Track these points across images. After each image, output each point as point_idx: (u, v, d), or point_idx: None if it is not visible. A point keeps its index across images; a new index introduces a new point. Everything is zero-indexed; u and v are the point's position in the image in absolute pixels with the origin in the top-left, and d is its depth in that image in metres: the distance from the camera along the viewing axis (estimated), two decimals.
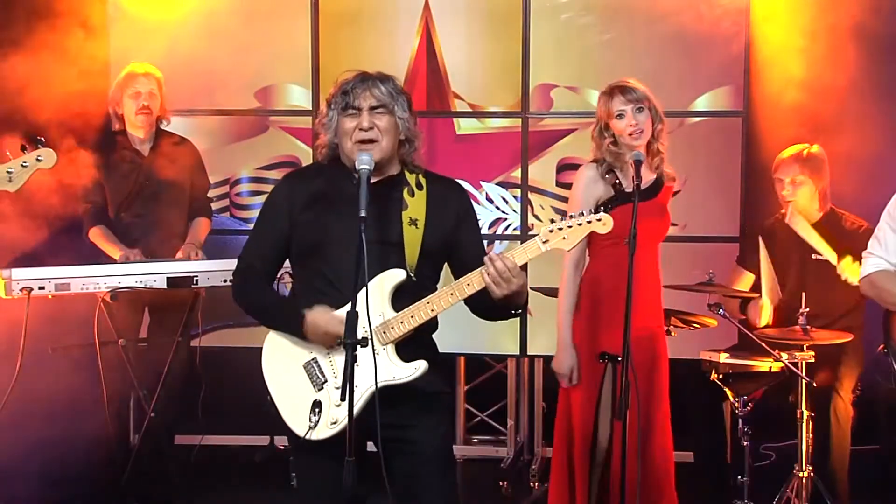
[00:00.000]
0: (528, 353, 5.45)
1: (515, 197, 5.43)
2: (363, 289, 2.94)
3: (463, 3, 5.45)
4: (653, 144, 3.95)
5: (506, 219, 5.45)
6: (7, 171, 3.14)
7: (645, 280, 3.87)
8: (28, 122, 4.81)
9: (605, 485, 3.93)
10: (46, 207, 4.27)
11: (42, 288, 4.33)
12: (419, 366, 3.01)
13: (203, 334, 4.99)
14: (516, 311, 3.09)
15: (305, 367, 3.08)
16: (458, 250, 3.16)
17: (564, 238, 2.99)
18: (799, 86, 5.09)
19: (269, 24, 5.50)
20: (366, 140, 3.08)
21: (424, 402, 3.09)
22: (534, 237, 3.01)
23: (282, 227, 3.16)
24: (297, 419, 3.05)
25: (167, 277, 4.60)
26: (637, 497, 3.62)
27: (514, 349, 5.45)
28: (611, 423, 3.87)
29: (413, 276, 3.06)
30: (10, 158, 3.15)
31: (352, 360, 2.80)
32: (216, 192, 5.50)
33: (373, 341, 2.86)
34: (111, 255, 4.79)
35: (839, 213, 4.68)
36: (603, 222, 3.01)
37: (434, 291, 3.06)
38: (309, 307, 3.05)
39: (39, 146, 3.16)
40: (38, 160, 3.16)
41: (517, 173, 5.42)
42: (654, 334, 3.96)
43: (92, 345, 4.47)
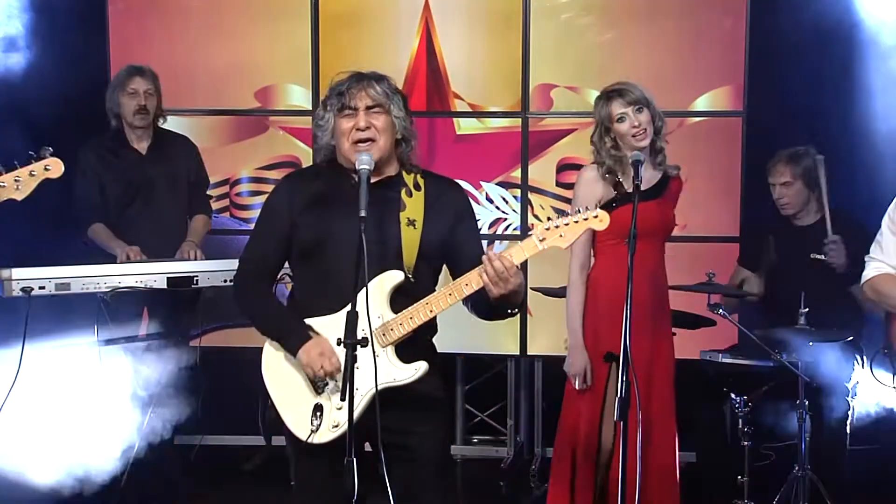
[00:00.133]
0: (528, 353, 5.45)
1: (515, 197, 5.43)
2: (363, 290, 2.93)
3: (463, 3, 5.44)
4: (656, 142, 3.95)
5: (506, 219, 5.45)
6: (15, 180, 3.17)
7: (651, 278, 3.86)
8: (28, 121, 4.82)
9: (606, 486, 3.93)
10: (46, 206, 4.26)
11: (42, 288, 4.33)
12: (420, 367, 3.01)
13: (203, 334, 5.00)
14: (513, 310, 3.08)
15: (306, 371, 3.07)
16: (457, 250, 3.15)
17: (561, 236, 2.98)
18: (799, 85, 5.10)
19: (269, 24, 5.50)
20: (363, 140, 3.08)
21: (423, 406, 3.09)
22: (531, 235, 3.00)
23: (282, 228, 3.15)
24: (298, 423, 3.04)
25: (167, 277, 4.60)
26: (637, 497, 3.62)
27: (514, 349, 5.45)
28: (614, 425, 3.87)
29: (411, 277, 3.06)
30: (18, 167, 3.18)
31: (352, 360, 2.80)
32: (216, 192, 5.50)
33: (373, 343, 2.86)
34: (111, 252, 4.79)
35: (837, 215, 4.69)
36: (599, 219, 3.00)
37: (433, 293, 3.05)
38: (310, 308, 3.06)
39: (47, 155, 3.19)
40: (46, 169, 3.21)
41: (517, 173, 5.42)
42: (659, 333, 3.95)
43: (92, 344, 4.47)
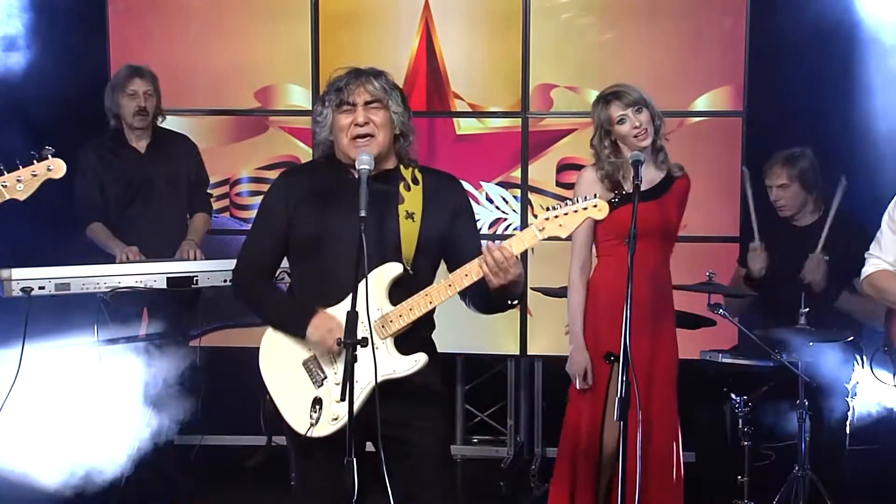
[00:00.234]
0: (528, 353, 5.45)
1: (515, 197, 5.43)
2: (360, 287, 2.92)
3: (463, 3, 5.44)
4: (657, 142, 3.95)
5: (506, 219, 5.45)
6: (17, 180, 3.19)
7: (651, 278, 3.86)
8: (28, 120, 4.82)
9: (609, 486, 3.93)
10: (46, 206, 4.26)
11: (42, 288, 4.32)
12: (419, 358, 3.01)
13: (203, 334, 5.00)
14: (513, 301, 3.08)
15: (305, 365, 3.07)
16: (455, 244, 3.15)
17: (561, 225, 2.98)
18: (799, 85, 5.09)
19: (269, 24, 5.50)
20: (362, 135, 3.08)
21: (422, 400, 3.09)
22: (530, 225, 3.00)
23: (280, 224, 3.15)
24: (297, 417, 3.04)
25: (167, 277, 4.60)
26: (637, 498, 3.62)
27: (514, 349, 5.44)
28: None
29: (410, 269, 3.06)
30: (20, 167, 3.19)
31: (352, 361, 2.80)
32: (216, 192, 5.50)
33: (372, 338, 2.85)
34: (110, 252, 4.79)
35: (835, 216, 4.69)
36: (598, 208, 3.00)
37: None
38: (310, 304, 3.05)
39: (49, 156, 3.21)
40: (48, 170, 3.22)
41: (517, 173, 5.42)
42: (660, 333, 3.94)
43: (92, 344, 4.47)
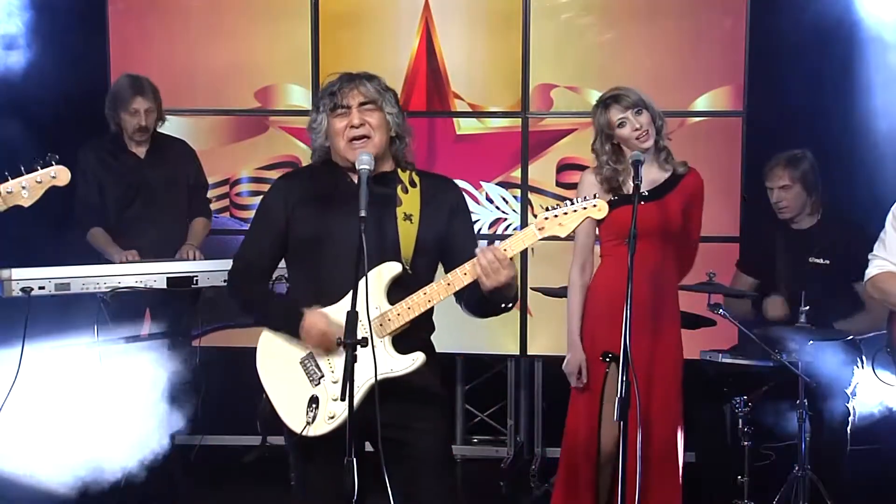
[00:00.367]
0: (528, 353, 5.45)
1: (515, 197, 5.43)
2: (359, 288, 2.92)
3: (463, 3, 5.44)
4: (659, 142, 3.95)
5: (506, 219, 5.44)
6: (22, 186, 3.20)
7: (652, 279, 3.86)
8: (28, 119, 4.82)
9: (609, 486, 3.93)
10: (46, 206, 4.27)
11: (42, 288, 4.33)
12: (417, 357, 3.01)
13: (203, 334, 5.00)
14: (507, 304, 3.08)
15: (302, 363, 3.07)
16: (451, 242, 3.16)
17: (560, 225, 2.99)
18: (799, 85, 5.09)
19: (269, 24, 5.50)
20: (358, 137, 3.08)
21: (422, 402, 3.09)
22: (530, 225, 3.01)
23: (277, 227, 3.15)
24: (293, 416, 3.03)
25: (167, 277, 4.60)
26: (637, 498, 3.62)
27: (514, 349, 5.44)
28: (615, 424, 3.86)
29: (408, 269, 3.06)
30: (24, 173, 3.20)
31: (352, 361, 2.79)
32: (216, 192, 5.50)
33: (372, 338, 2.85)
34: (108, 258, 4.79)
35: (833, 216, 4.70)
36: (598, 208, 3.01)
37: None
38: (306, 306, 3.05)
39: (53, 163, 3.23)
40: (52, 177, 3.24)
41: (517, 173, 5.42)
42: (661, 334, 3.93)
43: (92, 344, 4.47)
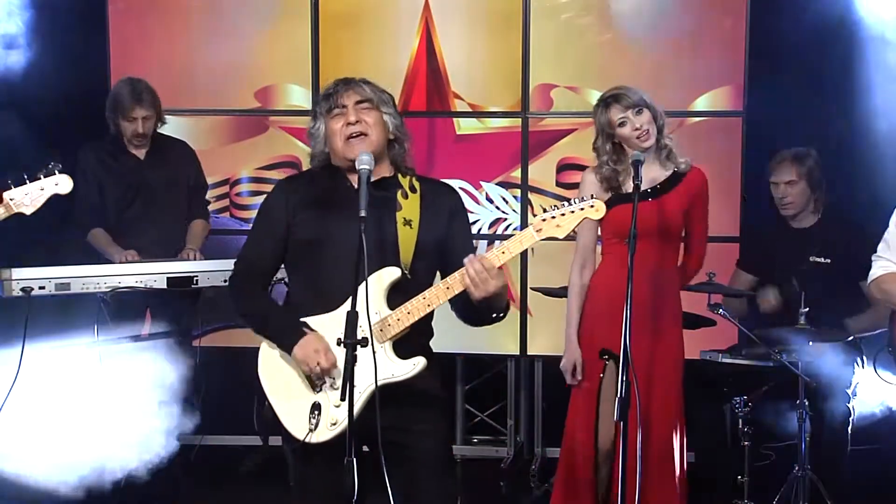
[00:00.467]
0: (528, 353, 5.45)
1: (515, 197, 5.43)
2: (360, 289, 2.92)
3: (463, 3, 5.44)
4: (660, 140, 3.95)
5: (506, 219, 5.44)
6: (24, 194, 3.21)
7: (651, 278, 3.85)
8: (28, 119, 4.82)
9: (608, 486, 3.92)
10: (47, 206, 4.27)
11: (42, 288, 4.33)
12: (418, 362, 3.01)
13: (203, 334, 5.00)
14: (497, 314, 3.09)
15: (304, 370, 3.06)
16: (449, 248, 3.16)
17: (558, 226, 2.99)
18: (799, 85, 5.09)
19: (269, 24, 5.50)
20: (355, 133, 3.09)
21: (422, 405, 3.09)
22: (528, 226, 3.02)
23: (278, 230, 3.16)
24: (296, 423, 3.03)
25: (167, 277, 4.60)
26: (637, 498, 3.62)
27: (514, 349, 5.44)
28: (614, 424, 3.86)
29: (407, 274, 3.06)
30: (27, 181, 3.21)
31: (352, 361, 2.80)
32: (216, 192, 5.50)
33: (372, 342, 2.85)
34: (109, 258, 4.79)
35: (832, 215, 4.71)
36: (596, 208, 3.02)
37: None
38: (305, 309, 3.06)
39: (56, 171, 3.24)
40: (55, 185, 3.26)
41: (517, 173, 5.41)
42: (661, 333, 3.92)
43: (92, 344, 4.47)
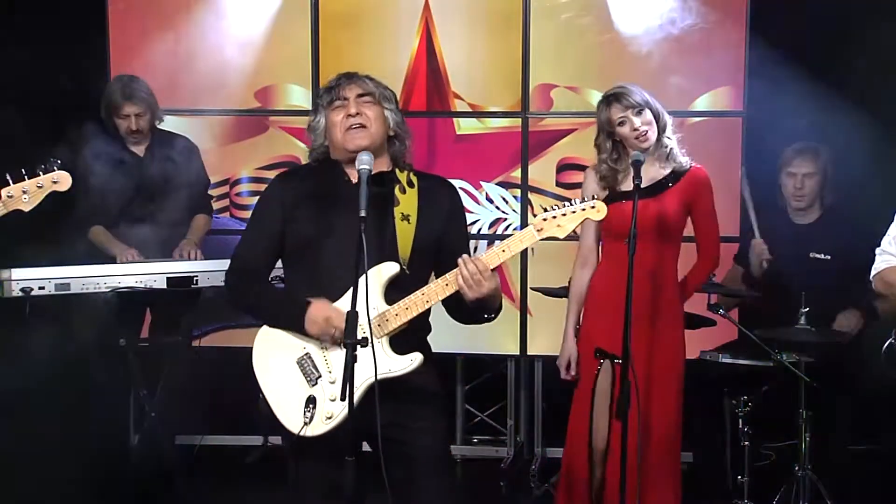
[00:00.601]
0: (528, 353, 5.45)
1: (515, 197, 5.43)
2: (359, 287, 2.91)
3: (463, 3, 5.44)
4: (660, 140, 3.95)
5: (506, 219, 5.44)
6: (23, 191, 3.21)
7: (649, 278, 3.85)
8: (28, 119, 4.82)
9: (603, 484, 3.92)
10: (47, 205, 4.28)
11: (42, 288, 4.33)
12: (415, 358, 3.01)
13: (204, 334, 5.00)
14: (489, 315, 3.09)
15: (299, 363, 3.06)
16: (446, 246, 3.16)
17: (559, 226, 3.00)
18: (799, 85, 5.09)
19: (269, 24, 5.50)
20: (355, 126, 3.09)
21: (420, 402, 3.09)
22: (529, 226, 3.02)
23: (275, 226, 3.16)
24: (290, 416, 3.03)
25: (167, 277, 4.60)
26: (637, 498, 3.62)
27: (514, 349, 5.44)
28: (609, 424, 3.86)
29: (406, 269, 3.06)
30: (26, 177, 3.21)
31: (352, 361, 2.79)
32: (216, 193, 5.50)
33: (372, 337, 2.85)
34: (110, 254, 4.78)
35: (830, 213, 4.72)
36: (597, 209, 3.03)
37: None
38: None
39: (55, 168, 3.23)
40: (53, 182, 3.25)
41: (517, 173, 5.41)
42: (660, 333, 3.92)
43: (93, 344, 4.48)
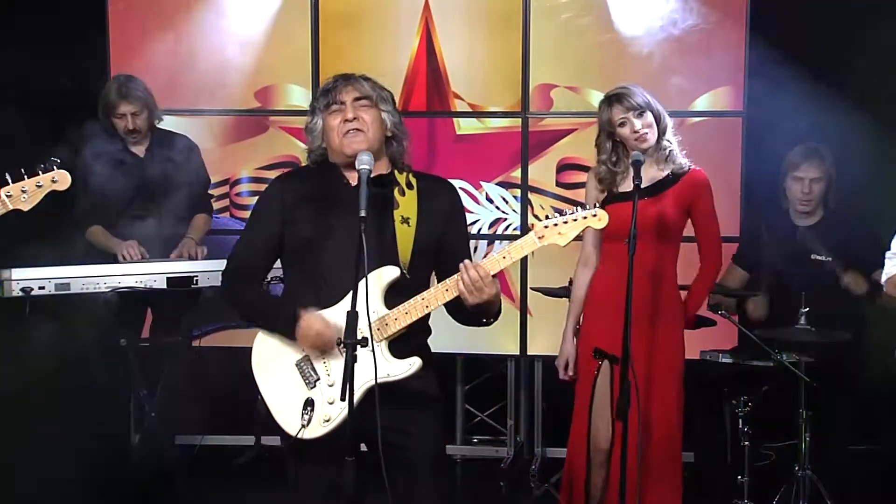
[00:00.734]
0: (528, 353, 5.45)
1: (515, 197, 5.43)
2: (359, 288, 2.91)
3: (463, 3, 5.44)
4: (660, 141, 3.95)
5: (506, 219, 5.44)
6: (22, 190, 3.20)
7: (649, 278, 3.85)
8: (28, 119, 4.82)
9: (605, 484, 3.92)
10: (46, 205, 4.28)
11: (42, 288, 4.32)
12: (414, 362, 3.00)
13: (204, 334, 5.00)
14: (488, 319, 3.10)
15: (298, 366, 3.06)
16: (446, 248, 3.16)
17: (560, 234, 2.99)
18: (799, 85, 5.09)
19: (269, 24, 5.50)
20: (352, 130, 3.09)
21: (418, 405, 3.08)
22: (530, 233, 3.01)
23: (273, 228, 3.15)
24: (288, 419, 3.03)
25: (167, 277, 4.60)
26: (637, 498, 3.62)
27: (514, 349, 5.44)
28: (611, 425, 3.86)
29: (406, 273, 3.06)
30: (25, 177, 3.20)
31: (352, 361, 2.79)
32: (216, 192, 5.49)
33: (372, 340, 2.85)
34: (109, 251, 4.78)
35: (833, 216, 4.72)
36: (598, 217, 3.02)
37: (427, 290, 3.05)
38: (303, 307, 3.03)
39: (54, 167, 3.23)
40: (53, 181, 3.24)
41: (517, 173, 5.41)
42: (660, 334, 3.91)
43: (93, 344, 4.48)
